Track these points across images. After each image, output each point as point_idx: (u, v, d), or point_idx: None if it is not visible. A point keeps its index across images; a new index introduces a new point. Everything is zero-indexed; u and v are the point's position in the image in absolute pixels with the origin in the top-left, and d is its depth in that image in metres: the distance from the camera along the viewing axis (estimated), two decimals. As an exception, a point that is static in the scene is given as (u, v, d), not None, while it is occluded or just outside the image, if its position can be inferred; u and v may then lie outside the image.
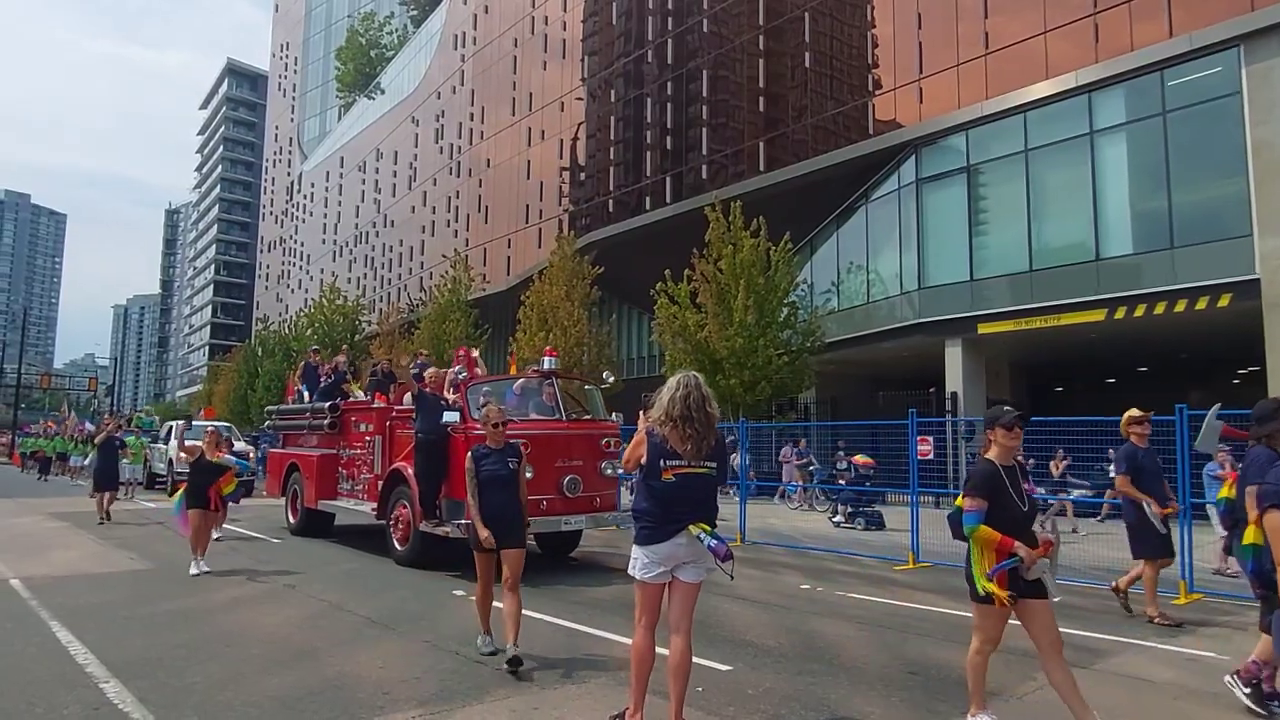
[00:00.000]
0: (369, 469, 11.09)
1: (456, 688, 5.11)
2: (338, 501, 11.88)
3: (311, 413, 12.78)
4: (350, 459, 11.80)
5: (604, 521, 9.77)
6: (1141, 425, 7.82)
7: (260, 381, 44.47)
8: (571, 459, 9.25)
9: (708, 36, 30.09)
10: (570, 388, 10.68)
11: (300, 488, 12.80)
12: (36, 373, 78.22)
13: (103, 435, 15.91)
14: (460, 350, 11.71)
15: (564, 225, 35.61)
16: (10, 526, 14.11)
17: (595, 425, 9.89)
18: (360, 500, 11.28)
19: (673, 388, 4.16)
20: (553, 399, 9.77)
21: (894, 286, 23.10)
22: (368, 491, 11.01)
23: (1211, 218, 17.35)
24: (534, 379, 10.19)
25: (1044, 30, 19.97)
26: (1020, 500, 4.28)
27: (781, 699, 4.96)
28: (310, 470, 12.39)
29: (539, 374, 10.03)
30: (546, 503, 8.79)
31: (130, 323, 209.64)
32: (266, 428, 15.84)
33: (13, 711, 4.65)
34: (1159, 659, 6.15)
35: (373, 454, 11.01)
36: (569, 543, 10.72)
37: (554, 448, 9.20)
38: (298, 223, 76.18)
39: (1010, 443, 4.33)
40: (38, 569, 9.49)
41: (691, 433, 4.07)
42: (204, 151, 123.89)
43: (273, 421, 14.85)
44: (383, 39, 68.35)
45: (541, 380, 10.01)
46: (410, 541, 9.65)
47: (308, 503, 12.40)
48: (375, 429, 11.04)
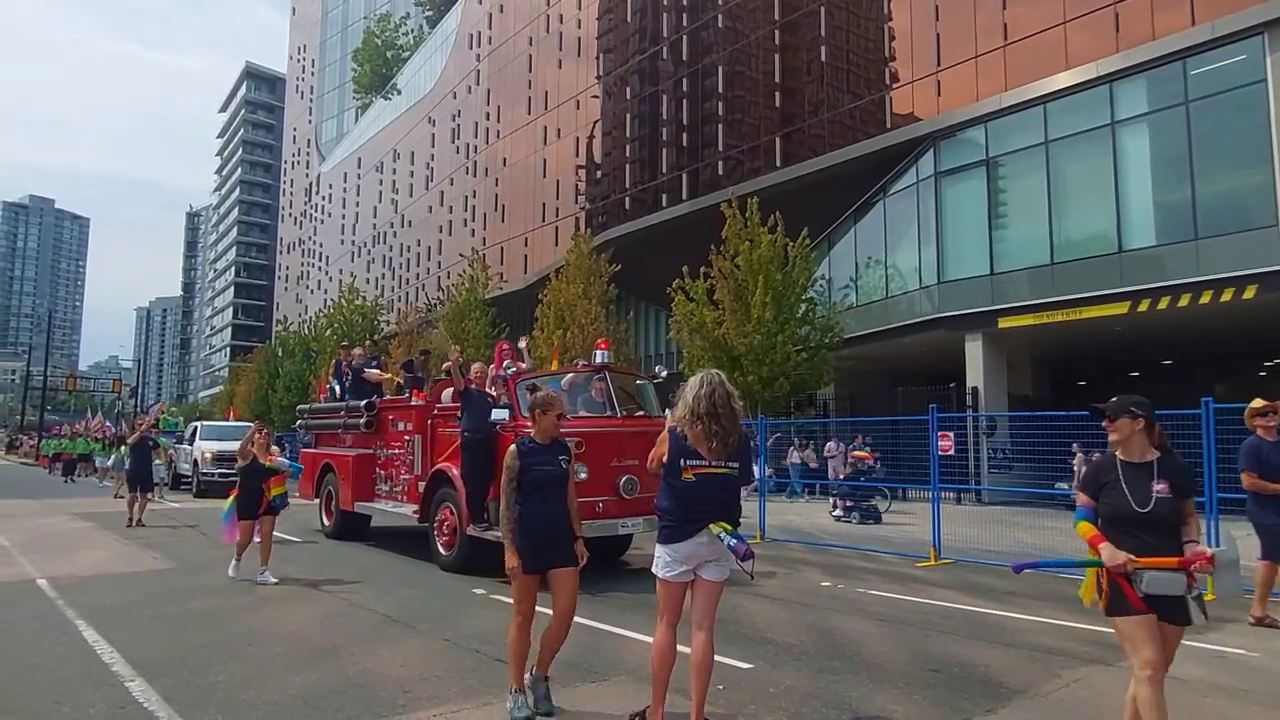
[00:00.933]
0: (408, 469, 10.65)
1: (477, 686, 5.11)
2: (375, 503, 11.46)
3: (346, 411, 12.30)
4: (388, 459, 11.35)
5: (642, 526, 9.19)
6: (1266, 417, 7.21)
7: (281, 382, 44.82)
8: (627, 458, 8.64)
9: (723, 32, 29.99)
10: (622, 383, 9.91)
11: (335, 489, 12.37)
12: (62, 375, 79.20)
13: (136, 436, 15.50)
14: (502, 344, 10.96)
15: (580, 223, 35.63)
16: (37, 527, 14.30)
17: (651, 422, 9.26)
18: (399, 502, 10.88)
19: (696, 385, 4.15)
20: (604, 394, 9.22)
21: (913, 281, 22.95)
22: (407, 493, 10.64)
23: (1236, 208, 17.11)
24: (585, 373, 9.59)
25: (1064, 20, 19.75)
26: (1133, 498, 3.73)
27: (803, 697, 4.93)
28: (346, 471, 11.96)
29: (591, 368, 9.44)
30: (602, 505, 8.35)
31: (153, 325, 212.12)
32: (298, 427, 15.43)
33: (40, 710, 4.70)
34: (1187, 655, 6.05)
35: (412, 454, 10.55)
36: (620, 546, 10.28)
37: (610, 446, 8.67)
38: (316, 224, 76.69)
39: (1126, 434, 3.93)
40: (64, 569, 9.60)
41: (717, 429, 4.05)
42: (224, 154, 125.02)
43: (305, 421, 14.43)
44: (399, 40, 68.65)
45: (593, 374, 9.42)
46: (456, 547, 9.24)
47: (343, 505, 11.99)
48: (415, 428, 10.58)
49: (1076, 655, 5.98)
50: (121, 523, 14.14)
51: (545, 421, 4.73)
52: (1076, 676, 5.43)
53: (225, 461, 19.11)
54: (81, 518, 15.77)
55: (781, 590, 8.61)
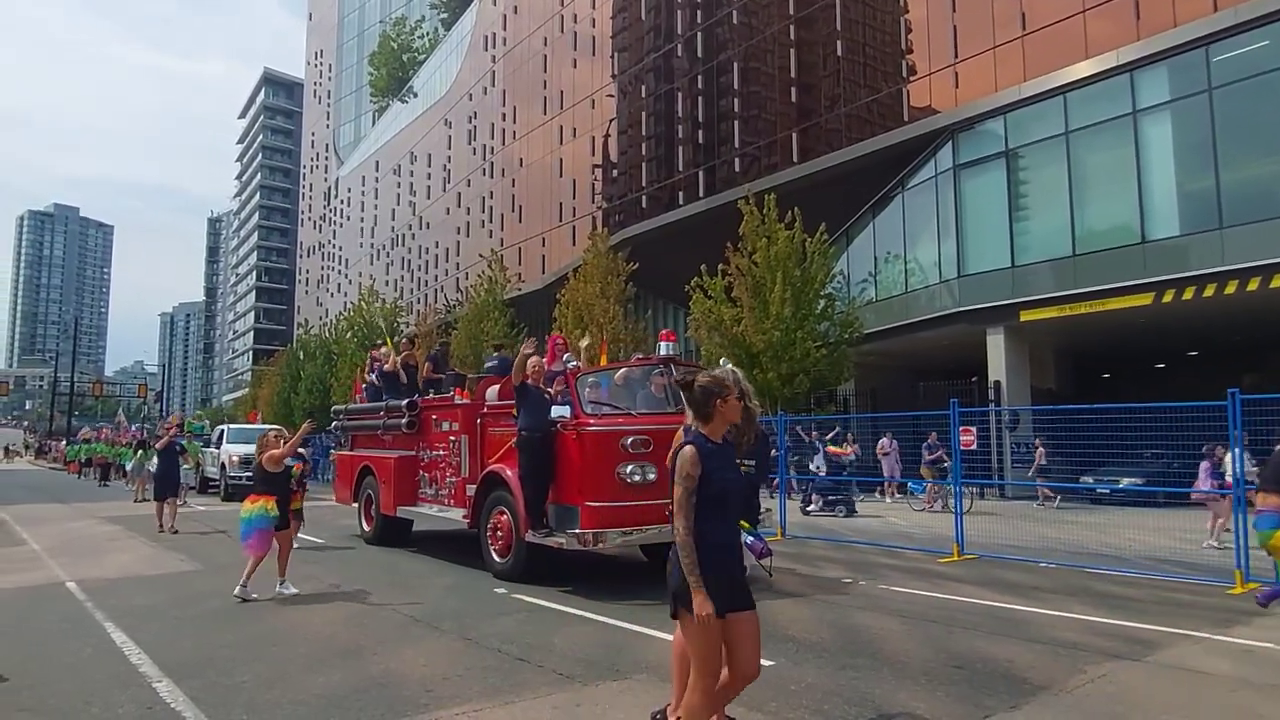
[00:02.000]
0: (455, 471, 10.12)
1: (499, 685, 5.13)
2: (419, 507, 10.90)
3: (386, 411, 11.73)
4: (432, 461, 10.74)
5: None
6: None
7: (303, 385, 45.18)
8: None
9: (738, 28, 29.90)
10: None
11: (375, 493, 11.79)
12: (89, 380, 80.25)
13: (165, 440, 15.22)
14: (555, 337, 10.28)
15: (597, 222, 35.65)
16: (65, 531, 14.51)
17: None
18: (446, 505, 10.32)
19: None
20: (665, 389, 8.58)
21: (933, 275, 22.79)
22: (454, 496, 10.12)
23: (1262, 196, 16.85)
24: (645, 367, 9.04)
25: (1083, 9, 19.53)
26: None
27: (824, 694, 4.91)
28: (387, 474, 11.37)
29: (655, 360, 8.87)
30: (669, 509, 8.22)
31: (176, 330, 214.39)
32: (333, 428, 14.77)
33: (71, 710, 4.77)
34: (1214, 650, 5.98)
35: (459, 455, 10.02)
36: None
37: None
38: (335, 227, 77.23)
39: None
40: (92, 572, 9.73)
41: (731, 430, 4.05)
42: (243, 160, 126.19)
43: (340, 422, 13.75)
44: (414, 43, 68.96)
45: (656, 368, 8.81)
46: (512, 553, 8.66)
47: (384, 509, 11.41)
48: (461, 427, 10.01)
49: (1101, 651, 5.91)
50: (148, 526, 14.28)
51: (727, 410, 3.62)
52: (1101, 672, 5.37)
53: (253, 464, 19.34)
54: (109, 521, 15.98)
55: (803, 587, 8.58)
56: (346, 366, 39.02)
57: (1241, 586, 8.22)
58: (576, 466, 7.94)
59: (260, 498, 8.09)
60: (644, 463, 7.77)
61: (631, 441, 7.78)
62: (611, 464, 7.77)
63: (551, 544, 8.06)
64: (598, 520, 7.75)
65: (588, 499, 7.82)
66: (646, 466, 7.75)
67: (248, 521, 8.03)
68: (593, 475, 7.83)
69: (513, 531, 8.60)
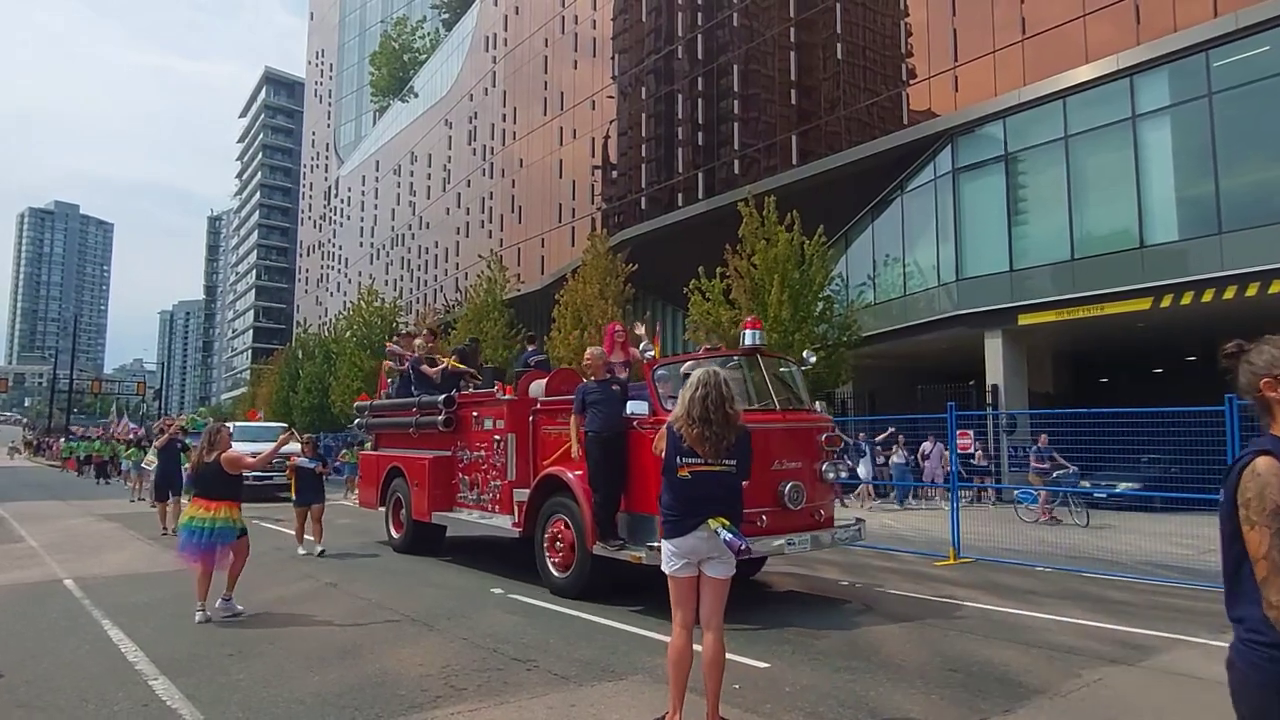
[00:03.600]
0: (499, 474, 9.23)
1: (495, 685, 5.14)
2: (457, 513, 10.03)
3: (419, 408, 10.81)
4: (473, 462, 9.84)
5: (825, 542, 7.64)
6: None
7: (301, 384, 45.19)
8: (790, 460, 7.31)
9: (738, 30, 29.92)
10: (775, 369, 8.12)
11: (405, 496, 10.90)
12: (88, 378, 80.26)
13: (164, 439, 14.46)
14: (614, 326, 9.48)
15: (597, 223, 35.66)
16: (64, 528, 14.50)
17: (811, 416, 7.89)
18: (489, 512, 9.42)
19: (692, 387, 4.19)
20: (744, 383, 7.66)
21: (931, 278, 22.80)
22: (499, 501, 9.23)
23: (1261, 201, 16.86)
24: (732, 358, 8.02)
25: (1083, 13, 19.55)
26: None
27: (820, 696, 4.92)
28: (420, 476, 10.44)
29: (743, 352, 7.89)
30: (765, 517, 6.95)
31: (176, 328, 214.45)
32: (356, 425, 13.85)
33: (67, 707, 4.78)
34: (1211, 656, 5.99)
35: (504, 456, 9.15)
36: (756, 562, 8.76)
37: (772, 445, 7.20)
38: (335, 227, 77.26)
39: None
40: (90, 569, 9.73)
41: (710, 434, 4.09)
42: (244, 159, 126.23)
43: (365, 420, 12.75)
44: (415, 43, 69.01)
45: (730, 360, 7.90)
46: (575, 567, 7.77)
47: (417, 514, 10.49)
48: (508, 425, 9.11)
49: (1097, 655, 5.92)
50: (146, 524, 14.30)
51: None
52: (1097, 676, 5.38)
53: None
54: (107, 519, 15.98)
55: (799, 588, 8.59)
56: (345, 366, 39.02)
57: None
58: (656, 469, 6.99)
59: (220, 504, 7.08)
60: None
61: None
62: None
63: (627, 559, 7.07)
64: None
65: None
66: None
67: (207, 531, 6.94)
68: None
69: (575, 543, 7.71)
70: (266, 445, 8.33)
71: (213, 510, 7.04)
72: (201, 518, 6.99)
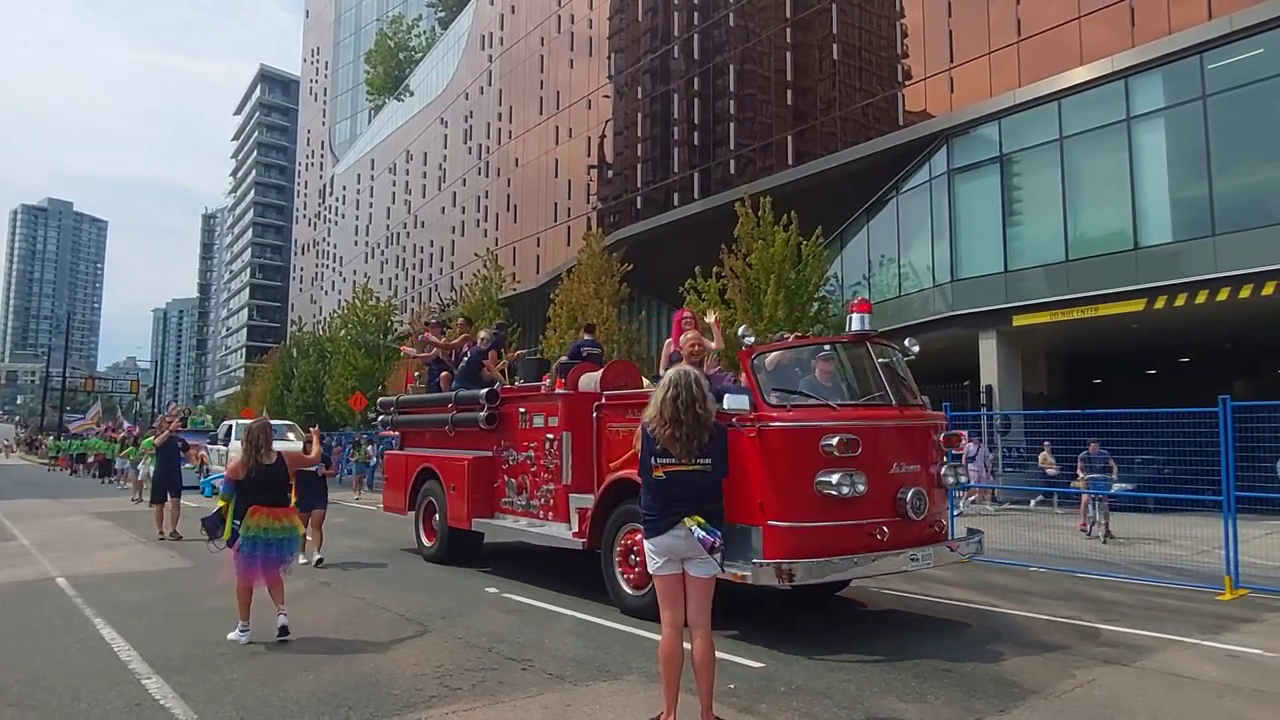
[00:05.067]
0: (553, 477, 8.34)
1: (490, 684, 5.13)
2: (501, 520, 9.11)
3: (456, 403, 9.86)
4: (520, 464, 8.90)
5: (948, 557, 6.78)
6: None
7: (296, 382, 45.12)
8: (909, 463, 6.46)
9: (734, 30, 29.93)
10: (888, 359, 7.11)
11: (439, 501, 9.92)
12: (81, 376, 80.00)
13: (163, 436, 13.68)
14: (683, 312, 8.56)
15: (592, 223, 35.65)
16: (57, 526, 14.45)
17: (927, 413, 7.02)
18: (539, 519, 8.53)
19: (664, 387, 4.21)
20: (831, 377, 6.83)
21: (926, 279, 22.84)
22: (552, 508, 8.36)
23: (1255, 204, 16.92)
24: (836, 344, 7.20)
25: (1078, 15, 19.59)
26: None
27: (814, 696, 4.92)
28: (457, 478, 9.50)
29: (851, 338, 6.99)
30: (886, 530, 6.15)
31: (170, 326, 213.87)
32: (379, 422, 12.79)
33: (59, 706, 4.77)
34: (1204, 656, 6.02)
35: (558, 457, 8.24)
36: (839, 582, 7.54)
37: (889, 447, 6.43)
38: (330, 225, 77.08)
39: None
40: (83, 567, 9.70)
41: (680, 434, 4.11)
42: (239, 156, 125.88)
43: (390, 416, 11.74)
44: (411, 41, 68.89)
45: (821, 349, 7.14)
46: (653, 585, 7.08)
47: (454, 521, 9.55)
48: (563, 422, 8.21)
49: (1091, 655, 5.94)
50: (140, 522, 14.20)
51: None
52: (1091, 677, 5.40)
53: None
54: (100, 517, 15.92)
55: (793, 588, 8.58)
56: (340, 365, 38.94)
57: (1230, 593, 8.26)
58: (757, 474, 6.15)
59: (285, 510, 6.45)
60: (851, 470, 5.97)
61: (837, 443, 5.98)
62: (808, 471, 6.01)
63: (728, 577, 5.90)
64: (787, 546, 5.96)
65: (773, 517, 6.04)
66: (855, 476, 5.96)
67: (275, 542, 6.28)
68: (782, 486, 6.07)
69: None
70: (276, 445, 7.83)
71: (280, 519, 6.35)
72: (270, 527, 6.24)
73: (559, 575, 8.71)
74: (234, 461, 6.41)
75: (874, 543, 6.09)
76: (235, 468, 6.37)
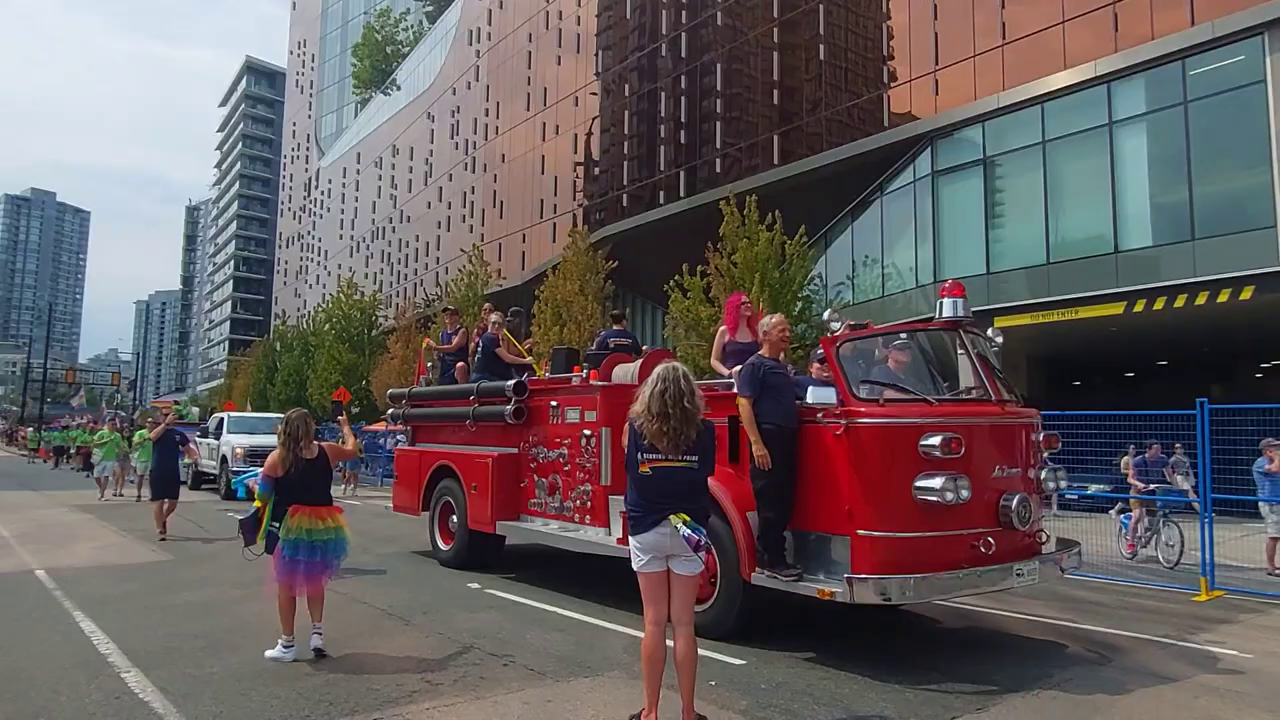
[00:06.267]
0: (590, 476, 7.75)
1: (471, 679, 5.14)
2: (529, 522, 8.46)
3: (479, 395, 9.23)
4: (550, 462, 8.20)
5: (1053, 572, 6.19)
6: None
7: (279, 376, 44.92)
8: (1011, 466, 5.83)
9: (722, 30, 29.98)
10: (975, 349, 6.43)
11: (457, 501, 9.25)
12: (62, 367, 79.11)
13: (160, 430, 12.61)
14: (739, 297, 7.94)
15: (578, 220, 35.63)
16: (36, 518, 14.31)
17: (1023, 411, 6.32)
18: (573, 522, 7.93)
19: (653, 382, 4.22)
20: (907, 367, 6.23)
21: (909, 280, 22.97)
22: (589, 510, 7.76)
23: (1234, 209, 17.12)
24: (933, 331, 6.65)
25: (1062, 20, 19.75)
26: None
27: (794, 693, 4.96)
28: (480, 477, 8.84)
29: (944, 325, 6.37)
30: (992, 539, 5.53)
31: (152, 318, 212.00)
32: (390, 416, 11.99)
33: (38, 699, 4.73)
34: (1180, 656, 6.10)
35: (597, 455, 7.63)
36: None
37: (993, 447, 5.81)
38: (315, 219, 76.64)
39: None
40: (62, 560, 9.62)
41: (668, 429, 4.12)
42: (223, 148, 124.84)
43: (403, 410, 11.03)
44: (398, 35, 68.50)
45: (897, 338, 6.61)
46: (720, 600, 6.15)
47: (474, 523, 8.90)
48: (602, 418, 7.62)
49: (1069, 655, 6.02)
50: (119, 516, 14.07)
51: None
52: (1067, 676, 5.46)
53: (259, 458, 17.06)
54: (80, 509, 15.77)
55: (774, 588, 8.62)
56: (324, 359, 38.76)
57: (1206, 594, 8.37)
58: (844, 477, 5.57)
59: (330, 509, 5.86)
60: (955, 474, 5.36)
61: (940, 443, 5.36)
62: (905, 475, 5.42)
63: (811, 593, 5.53)
64: (879, 559, 5.37)
65: (863, 526, 5.45)
66: (959, 480, 5.36)
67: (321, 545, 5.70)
68: (874, 490, 5.47)
69: (719, 569, 6.11)
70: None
71: (325, 519, 5.76)
72: (313, 529, 5.67)
73: (543, 572, 8.72)
74: (271, 457, 5.80)
75: (977, 556, 5.47)
76: (273, 464, 5.74)
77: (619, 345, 8.98)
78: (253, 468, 8.77)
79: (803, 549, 5.83)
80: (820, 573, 5.64)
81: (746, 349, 6.76)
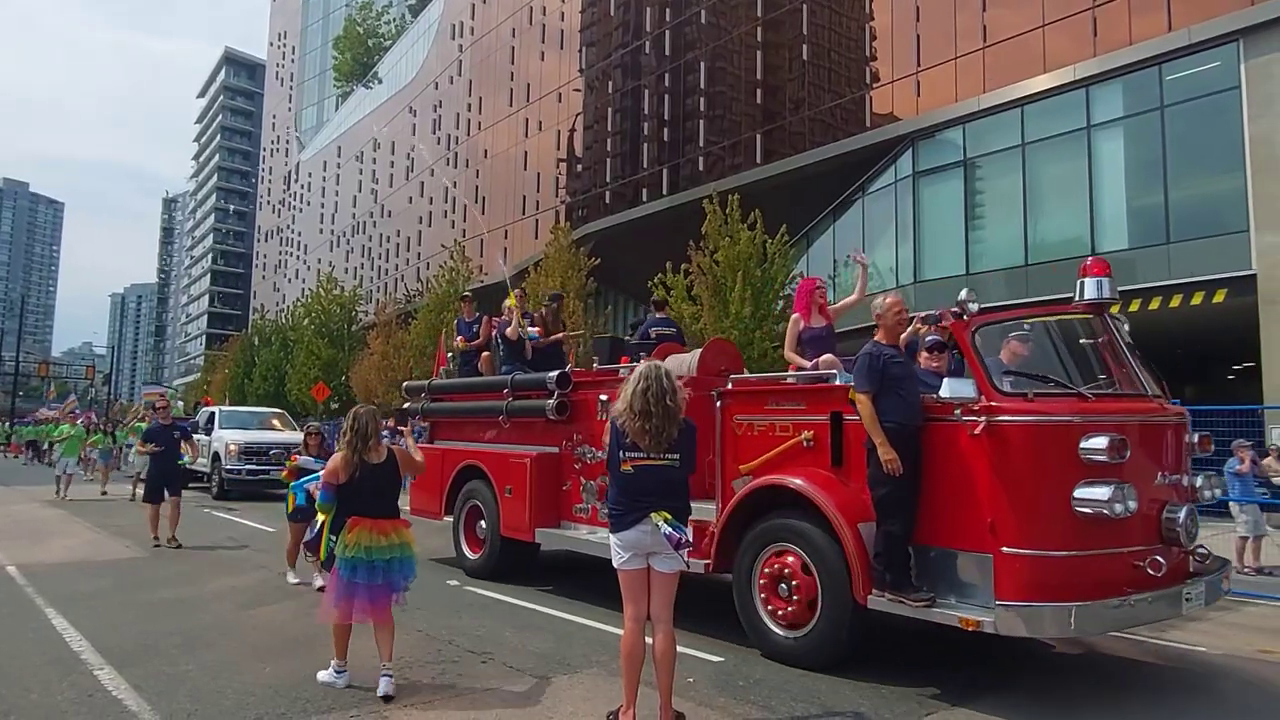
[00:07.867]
0: None
1: (450, 677, 5.14)
2: (572, 529, 7.62)
3: (513, 389, 8.33)
4: (598, 463, 7.09)
5: (1220, 592, 5.33)
6: None
7: (257, 371, 44.53)
8: (1172, 472, 5.09)
9: (706, 28, 30.02)
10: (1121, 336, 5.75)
11: (487, 505, 8.35)
12: (34, 361, 78.11)
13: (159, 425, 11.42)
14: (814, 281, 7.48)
15: (560, 216, 35.57)
16: (8, 514, 14.12)
17: (1171, 408, 5.51)
18: None
19: (635, 380, 4.23)
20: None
21: (890, 280, 23.10)
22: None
23: (1208, 213, 17.36)
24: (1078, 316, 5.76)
25: (1042, 24, 19.94)
26: None
27: (771, 690, 4.99)
28: (516, 479, 7.92)
29: (1083, 309, 5.62)
30: (1161, 559, 4.73)
31: (128, 311, 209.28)
32: (408, 410, 10.61)
33: (8, 697, 4.68)
34: (1146, 651, 6.19)
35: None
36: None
37: (1154, 450, 5.06)
38: (295, 212, 75.99)
39: None
40: (34, 556, 9.51)
41: (650, 427, 4.14)
42: (201, 140, 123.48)
43: (423, 404, 10.01)
44: (380, 28, 68.12)
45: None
46: (820, 624, 5.35)
47: (509, 530, 8.02)
48: None
49: (1041, 650, 6.09)
50: (92, 511, 13.88)
51: None
52: (1040, 671, 5.53)
53: (255, 456, 16.56)
54: (51, 505, 15.59)
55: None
56: (303, 354, 38.45)
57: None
58: (985, 484, 4.79)
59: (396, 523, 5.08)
60: (1119, 482, 4.59)
61: (1106, 445, 4.60)
62: (1063, 482, 4.64)
63: (950, 621, 4.83)
64: (1028, 582, 4.58)
65: (1010, 543, 4.64)
66: (1126, 490, 4.59)
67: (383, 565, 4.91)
68: (1024, 501, 4.69)
69: (821, 590, 5.33)
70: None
71: (387, 533, 4.98)
72: (374, 545, 4.89)
73: (522, 570, 8.69)
74: (333, 461, 5.11)
75: (1141, 577, 4.67)
76: (334, 469, 5.03)
77: (662, 335, 8.45)
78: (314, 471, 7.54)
79: (922, 568, 5.05)
80: (951, 596, 4.91)
81: (823, 336, 6.34)
